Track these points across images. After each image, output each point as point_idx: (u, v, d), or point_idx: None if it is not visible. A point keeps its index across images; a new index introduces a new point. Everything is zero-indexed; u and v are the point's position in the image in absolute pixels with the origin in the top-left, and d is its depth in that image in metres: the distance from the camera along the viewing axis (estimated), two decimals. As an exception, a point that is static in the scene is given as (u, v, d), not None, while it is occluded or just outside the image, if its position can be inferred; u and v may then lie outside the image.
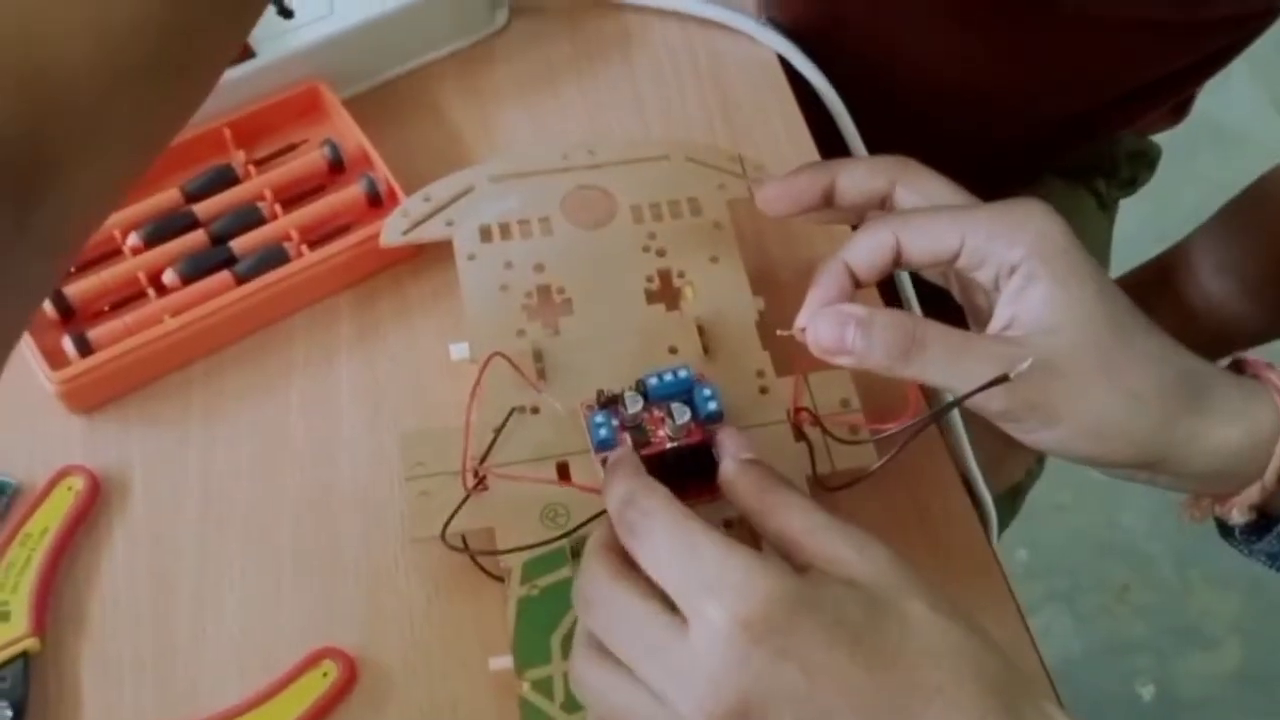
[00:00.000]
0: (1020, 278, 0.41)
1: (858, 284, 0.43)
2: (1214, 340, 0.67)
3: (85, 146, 0.33)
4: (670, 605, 0.35)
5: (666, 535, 0.36)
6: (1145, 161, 0.80)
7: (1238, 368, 0.43)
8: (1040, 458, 0.77)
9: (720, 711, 0.33)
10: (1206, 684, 1.31)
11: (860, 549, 0.36)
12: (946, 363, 0.40)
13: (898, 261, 0.42)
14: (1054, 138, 0.73)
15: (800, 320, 0.42)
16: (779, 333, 0.43)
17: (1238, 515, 0.43)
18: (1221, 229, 0.67)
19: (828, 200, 0.46)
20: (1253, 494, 0.42)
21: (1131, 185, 0.81)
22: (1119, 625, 1.35)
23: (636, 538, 0.37)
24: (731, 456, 0.40)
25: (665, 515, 0.36)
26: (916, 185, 0.44)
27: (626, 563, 0.37)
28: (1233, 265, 0.66)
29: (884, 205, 0.45)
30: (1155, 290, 0.69)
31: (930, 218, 0.42)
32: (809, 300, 0.43)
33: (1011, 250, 0.41)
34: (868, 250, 0.43)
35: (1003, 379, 0.39)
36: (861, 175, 0.45)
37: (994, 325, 0.41)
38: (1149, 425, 0.40)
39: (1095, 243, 0.80)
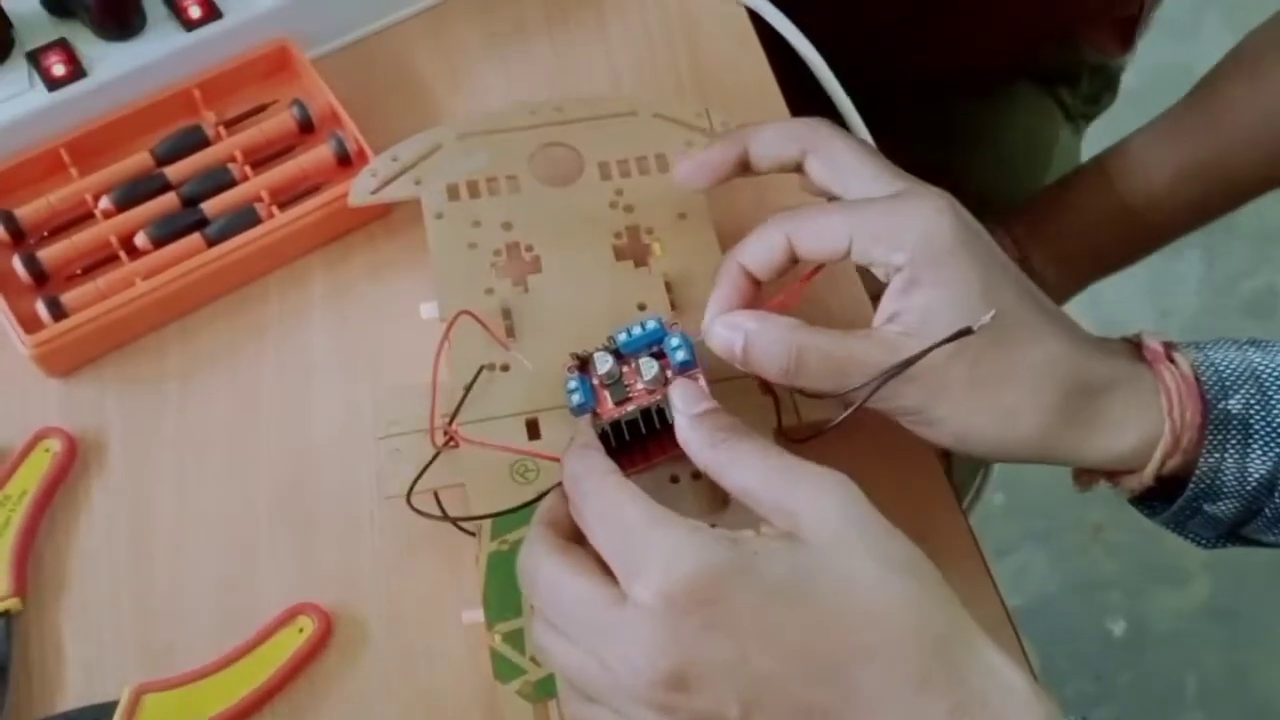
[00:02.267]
0: (901, 280, 0.40)
1: (758, 283, 0.43)
2: (1151, 231, 0.67)
3: None
4: (611, 582, 0.35)
5: (600, 512, 0.36)
6: (1105, 77, 0.81)
7: (1139, 349, 0.42)
8: None
9: (659, 680, 0.33)
10: (1175, 619, 1.33)
11: (813, 500, 0.35)
12: (829, 377, 0.40)
13: (794, 258, 0.42)
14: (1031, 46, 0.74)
15: (703, 325, 0.42)
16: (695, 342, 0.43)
17: (1124, 493, 0.43)
18: (1165, 127, 0.67)
19: (745, 168, 0.45)
20: (1133, 483, 0.42)
21: (1095, 103, 0.82)
22: (1092, 563, 1.36)
23: (581, 518, 0.37)
24: (682, 413, 0.39)
25: (600, 496, 0.36)
26: (826, 155, 0.43)
27: (571, 537, 0.37)
28: (1172, 161, 0.65)
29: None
30: (1095, 185, 0.68)
31: (819, 218, 0.41)
32: (710, 303, 0.43)
33: (894, 254, 0.40)
34: (760, 251, 0.42)
35: (966, 331, 0.38)
36: (771, 142, 0.44)
37: (877, 319, 0.41)
38: (1023, 438, 0.40)
39: (1063, 152, 0.81)
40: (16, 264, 0.49)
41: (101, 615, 0.45)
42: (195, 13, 0.52)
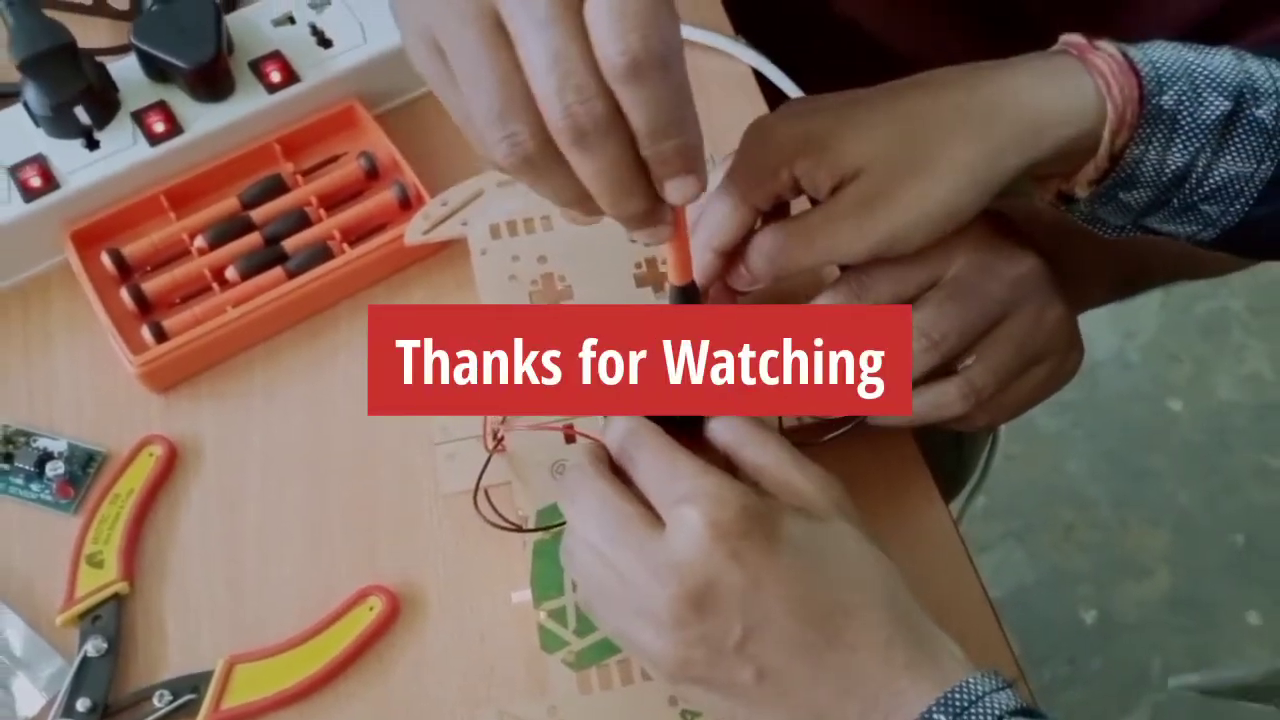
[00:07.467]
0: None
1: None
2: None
3: None
4: (649, 513, 0.37)
5: (654, 456, 0.38)
6: None
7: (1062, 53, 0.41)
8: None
9: (683, 595, 0.35)
10: (1140, 609, 1.33)
11: (818, 487, 0.38)
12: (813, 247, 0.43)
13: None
14: None
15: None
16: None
17: (1080, 190, 0.42)
18: None
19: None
20: (1089, 171, 0.41)
21: None
22: (1064, 559, 1.36)
23: (630, 461, 0.39)
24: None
25: (655, 442, 0.38)
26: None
27: (613, 472, 0.39)
28: None
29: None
30: None
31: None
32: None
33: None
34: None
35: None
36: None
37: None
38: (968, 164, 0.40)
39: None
40: (124, 294, 0.51)
41: (198, 597, 0.47)
42: (276, 78, 0.55)
